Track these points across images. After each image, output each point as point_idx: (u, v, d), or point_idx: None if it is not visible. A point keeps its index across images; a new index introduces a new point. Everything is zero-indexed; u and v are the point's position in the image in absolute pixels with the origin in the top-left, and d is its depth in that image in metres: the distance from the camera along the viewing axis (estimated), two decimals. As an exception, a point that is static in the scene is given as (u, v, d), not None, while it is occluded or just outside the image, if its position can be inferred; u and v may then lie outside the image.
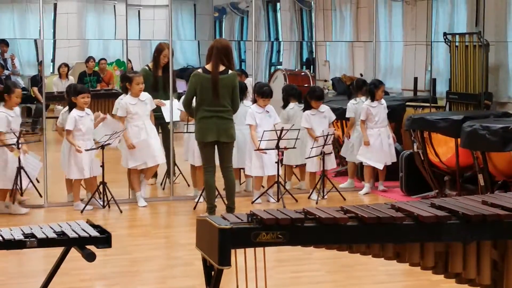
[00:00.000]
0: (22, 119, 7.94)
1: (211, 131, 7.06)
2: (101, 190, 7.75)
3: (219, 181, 7.34)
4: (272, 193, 8.15)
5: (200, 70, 7.17)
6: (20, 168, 7.32)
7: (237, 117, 8.16)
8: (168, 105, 8.26)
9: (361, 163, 8.78)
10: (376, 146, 8.52)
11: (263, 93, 8.07)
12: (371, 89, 8.60)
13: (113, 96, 12.00)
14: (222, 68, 7.03)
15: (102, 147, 7.56)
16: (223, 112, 7.08)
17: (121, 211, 7.69)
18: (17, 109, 7.57)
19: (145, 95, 7.96)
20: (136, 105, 7.85)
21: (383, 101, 8.66)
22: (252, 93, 8.54)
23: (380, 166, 8.55)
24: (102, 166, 7.60)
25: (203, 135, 7.12)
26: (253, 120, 8.02)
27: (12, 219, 7.23)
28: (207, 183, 7.22)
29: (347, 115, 8.86)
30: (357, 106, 8.82)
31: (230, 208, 7.18)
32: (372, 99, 8.55)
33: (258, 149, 7.86)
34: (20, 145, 7.31)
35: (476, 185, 7.52)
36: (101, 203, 7.73)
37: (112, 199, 7.72)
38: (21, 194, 7.49)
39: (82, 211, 7.55)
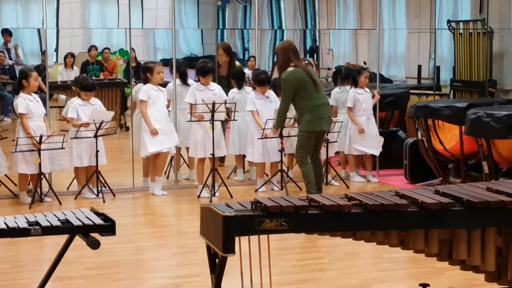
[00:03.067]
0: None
1: (325, 120, 7.37)
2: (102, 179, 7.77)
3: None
4: (276, 182, 8.15)
5: (292, 69, 7.26)
6: (40, 173, 7.35)
7: (239, 104, 8.17)
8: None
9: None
10: (368, 132, 8.51)
11: (260, 80, 8.04)
12: (354, 75, 8.59)
13: (117, 85, 12.03)
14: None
15: (96, 136, 7.57)
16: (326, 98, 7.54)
17: (114, 195, 7.78)
18: (37, 97, 7.55)
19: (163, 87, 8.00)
20: (157, 92, 7.86)
21: (367, 89, 8.61)
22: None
23: (377, 152, 8.54)
24: (96, 154, 7.60)
25: (319, 124, 7.31)
26: (254, 106, 8.01)
27: (18, 208, 7.25)
28: (310, 172, 7.35)
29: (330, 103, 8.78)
30: (340, 95, 8.79)
31: (320, 189, 7.43)
32: (356, 86, 8.52)
33: (262, 137, 7.85)
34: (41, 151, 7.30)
35: (480, 173, 7.52)
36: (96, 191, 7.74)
37: (105, 186, 7.75)
38: (41, 200, 7.48)
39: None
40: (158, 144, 7.80)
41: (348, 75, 8.94)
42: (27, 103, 7.38)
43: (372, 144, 8.53)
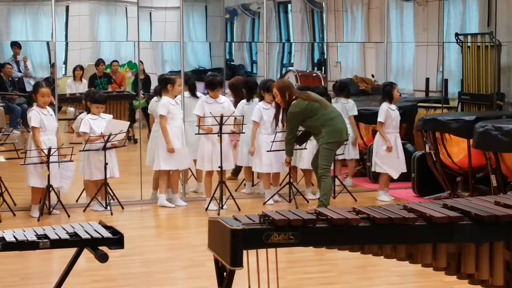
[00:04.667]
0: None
1: (344, 131, 7.48)
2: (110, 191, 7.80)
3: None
4: (284, 194, 8.16)
5: (295, 102, 7.42)
6: (49, 186, 7.38)
7: (247, 116, 8.17)
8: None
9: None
10: (393, 152, 8.21)
11: (268, 88, 8.06)
12: (388, 89, 8.24)
13: (125, 98, 12.05)
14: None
15: (105, 149, 7.59)
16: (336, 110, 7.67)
17: (122, 207, 7.81)
18: (51, 110, 7.60)
19: (178, 100, 8.03)
20: (175, 106, 7.90)
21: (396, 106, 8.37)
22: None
23: (396, 175, 8.25)
24: (105, 166, 7.62)
25: (340, 134, 7.44)
26: (258, 117, 8.04)
27: (27, 221, 7.27)
28: (330, 185, 7.48)
29: None
30: (336, 105, 8.50)
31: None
32: (391, 101, 8.24)
33: (271, 150, 7.87)
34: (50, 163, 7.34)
35: (488, 186, 7.50)
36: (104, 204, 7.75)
37: (113, 199, 7.78)
38: (49, 213, 7.51)
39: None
40: (173, 163, 7.85)
41: (343, 88, 8.91)
42: (40, 117, 7.40)
43: (393, 164, 8.20)
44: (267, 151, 7.92)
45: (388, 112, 8.20)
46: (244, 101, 8.52)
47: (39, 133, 7.38)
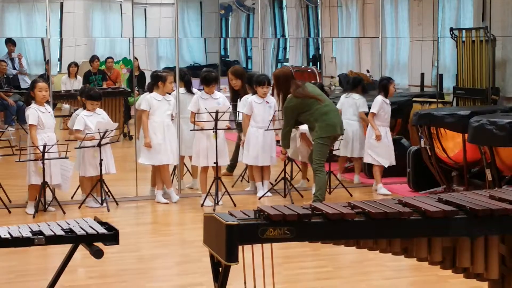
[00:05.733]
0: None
1: (338, 126, 7.47)
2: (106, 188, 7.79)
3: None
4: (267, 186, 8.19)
5: (291, 96, 7.45)
6: (44, 183, 7.36)
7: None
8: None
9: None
10: (383, 143, 8.39)
11: (260, 81, 8.05)
12: (385, 84, 8.47)
13: (120, 94, 12.05)
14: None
15: (99, 145, 7.58)
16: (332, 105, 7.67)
17: (117, 204, 7.79)
18: (49, 108, 7.58)
19: (171, 96, 8.01)
20: (161, 102, 7.89)
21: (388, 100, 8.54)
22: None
23: (386, 164, 8.37)
24: (100, 162, 7.61)
25: (333, 129, 7.42)
26: (249, 110, 8.07)
27: (22, 218, 7.27)
28: (325, 180, 7.50)
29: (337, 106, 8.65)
30: (346, 100, 8.77)
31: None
32: (386, 95, 8.44)
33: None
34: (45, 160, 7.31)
35: (483, 180, 7.52)
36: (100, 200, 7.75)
37: (108, 195, 7.78)
38: (45, 209, 7.50)
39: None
40: (150, 158, 7.86)
41: (357, 84, 8.95)
42: (38, 114, 7.38)
43: (384, 154, 8.35)
44: (265, 129, 7.94)
45: (382, 105, 8.38)
46: (248, 95, 8.49)
47: (36, 131, 7.37)
